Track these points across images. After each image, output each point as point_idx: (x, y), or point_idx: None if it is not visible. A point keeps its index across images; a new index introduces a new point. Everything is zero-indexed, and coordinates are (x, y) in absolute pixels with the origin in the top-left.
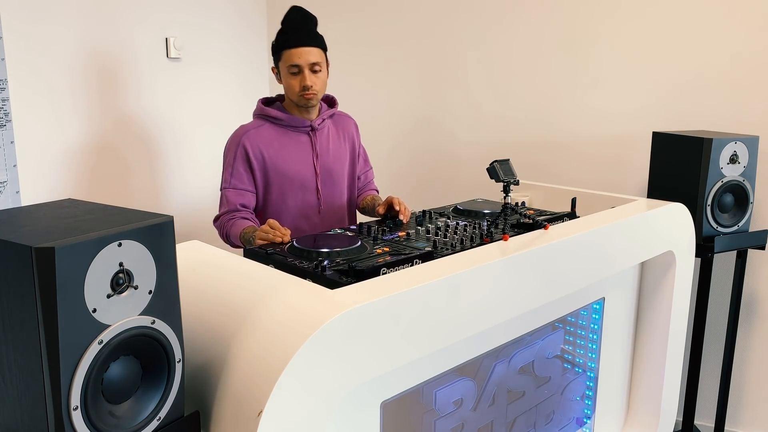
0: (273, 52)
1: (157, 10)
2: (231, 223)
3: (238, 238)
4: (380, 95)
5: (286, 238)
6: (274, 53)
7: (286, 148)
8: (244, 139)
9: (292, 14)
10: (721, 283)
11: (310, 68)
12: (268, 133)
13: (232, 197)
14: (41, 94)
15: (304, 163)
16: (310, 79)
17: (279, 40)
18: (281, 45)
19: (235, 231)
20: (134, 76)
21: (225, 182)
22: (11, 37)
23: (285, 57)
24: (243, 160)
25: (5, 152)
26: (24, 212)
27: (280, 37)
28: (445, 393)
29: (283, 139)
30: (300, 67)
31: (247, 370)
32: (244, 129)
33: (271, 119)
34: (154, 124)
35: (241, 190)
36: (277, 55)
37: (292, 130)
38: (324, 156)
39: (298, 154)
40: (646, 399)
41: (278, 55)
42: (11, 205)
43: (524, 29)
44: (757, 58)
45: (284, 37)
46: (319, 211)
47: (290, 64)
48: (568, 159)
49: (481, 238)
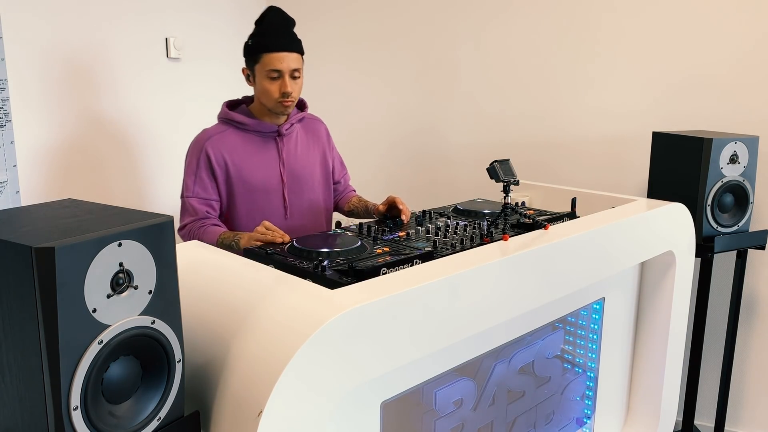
0: (248, 53)
1: (157, 10)
2: (202, 231)
3: (214, 244)
4: (380, 95)
5: (286, 237)
6: (249, 54)
7: (251, 154)
8: (207, 146)
9: (272, 16)
10: (721, 283)
11: (291, 74)
12: (232, 138)
13: (197, 205)
14: (41, 94)
15: (269, 170)
16: (291, 86)
17: (257, 41)
18: (260, 47)
19: (209, 238)
20: (134, 76)
21: (188, 190)
22: (11, 37)
23: (265, 61)
24: (206, 167)
25: (5, 152)
26: (24, 212)
27: (259, 39)
28: (445, 393)
29: (248, 146)
30: (281, 72)
31: (247, 370)
32: (207, 134)
33: (236, 124)
34: (153, 125)
35: (205, 199)
36: (253, 57)
37: (257, 135)
38: (291, 162)
39: (263, 161)
40: (646, 399)
41: (255, 57)
42: (11, 205)
43: (525, 29)
44: (757, 58)
45: (265, 40)
46: (285, 218)
47: (271, 69)
48: (568, 159)
49: (481, 238)
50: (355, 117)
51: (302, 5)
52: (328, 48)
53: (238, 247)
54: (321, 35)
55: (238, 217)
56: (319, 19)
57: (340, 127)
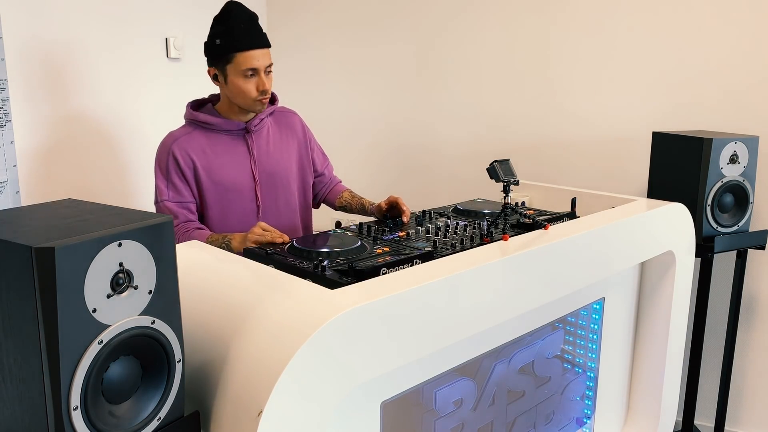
0: (217, 52)
1: (157, 10)
2: (188, 235)
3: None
4: (379, 94)
5: (286, 237)
6: (218, 54)
7: (219, 154)
8: (174, 148)
9: (236, 11)
10: (721, 283)
11: (265, 70)
12: (198, 139)
13: (175, 209)
14: (41, 94)
15: (240, 170)
16: (268, 83)
17: (227, 40)
18: (231, 47)
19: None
20: (134, 76)
21: (162, 194)
22: (11, 37)
23: (239, 60)
24: (176, 171)
25: (5, 152)
26: (24, 212)
27: (228, 38)
28: (445, 393)
29: (216, 146)
30: (257, 70)
31: (247, 370)
32: (173, 137)
33: (202, 124)
34: (154, 125)
35: (181, 203)
36: (223, 57)
37: (225, 134)
38: (263, 160)
39: (233, 161)
40: (646, 399)
41: (226, 57)
42: (11, 205)
43: (524, 29)
44: (757, 58)
45: (235, 38)
46: (257, 217)
47: (247, 68)
48: (568, 159)
49: (481, 238)
50: (353, 117)
51: (298, 5)
52: (328, 48)
53: (229, 250)
54: (316, 32)
55: (212, 220)
56: (314, 16)
57: (337, 126)
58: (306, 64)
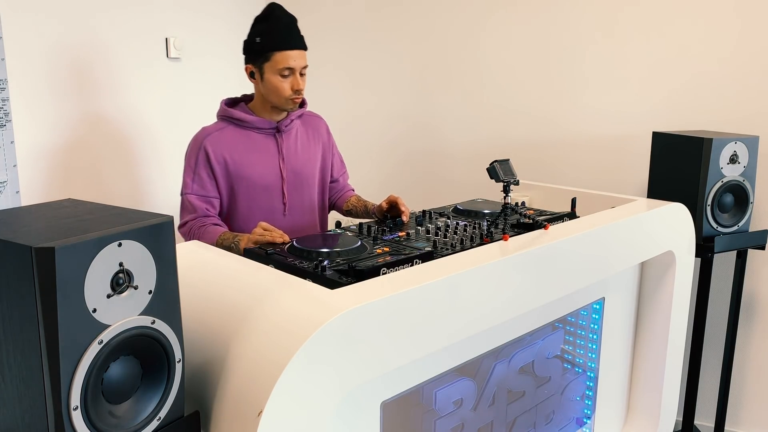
0: (255, 51)
1: (157, 10)
2: (203, 230)
3: (214, 245)
4: (379, 94)
5: (286, 237)
6: (256, 52)
7: (250, 150)
8: (206, 143)
9: (278, 12)
10: (721, 283)
11: (300, 71)
12: (231, 135)
13: (196, 202)
14: (41, 94)
15: (269, 166)
16: (302, 83)
17: (267, 39)
18: (272, 45)
19: (209, 237)
20: (134, 76)
21: (187, 187)
22: (11, 37)
23: (277, 58)
24: (205, 164)
25: (5, 152)
26: (24, 212)
27: (269, 37)
28: (445, 393)
29: (247, 142)
30: (293, 70)
31: (247, 370)
32: (206, 132)
33: (235, 121)
34: (154, 124)
35: (204, 196)
36: (262, 55)
37: (256, 132)
38: (291, 158)
39: (263, 157)
40: (646, 399)
41: (265, 55)
42: (11, 205)
43: (524, 29)
44: (757, 58)
45: (275, 38)
46: (284, 214)
47: (284, 67)
48: (568, 159)
49: (481, 238)
50: (353, 116)
51: (304, 5)
52: (328, 47)
53: (237, 249)
54: (318, 32)
55: (238, 215)
56: (316, 16)
57: (338, 126)
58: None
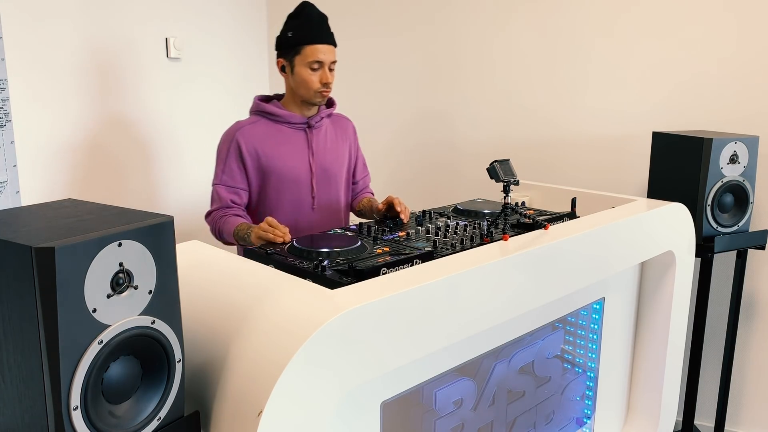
0: (287, 44)
1: (157, 10)
2: (224, 220)
3: (232, 234)
4: (378, 95)
5: (287, 237)
6: (288, 46)
7: (281, 144)
8: (238, 135)
9: (309, 9)
10: (721, 283)
11: (329, 66)
12: (263, 129)
13: (223, 193)
14: (41, 94)
15: (299, 160)
16: (331, 77)
17: (298, 34)
18: (302, 39)
19: (228, 228)
20: (134, 76)
21: (216, 178)
22: (11, 37)
23: (307, 52)
24: (236, 156)
25: (5, 152)
26: (24, 212)
27: (300, 32)
28: (445, 393)
29: (278, 136)
30: (322, 63)
31: (247, 370)
32: (239, 125)
33: (268, 115)
34: (153, 124)
35: (231, 187)
36: (293, 49)
37: (288, 126)
38: (320, 154)
39: (293, 151)
40: (646, 399)
41: (296, 48)
42: (11, 205)
43: (524, 29)
44: (757, 58)
45: (308, 32)
46: (312, 208)
47: (313, 60)
48: (568, 159)
49: (481, 238)
50: (354, 116)
51: None
52: None
53: (249, 240)
54: None
55: (268, 208)
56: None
57: None
58: None
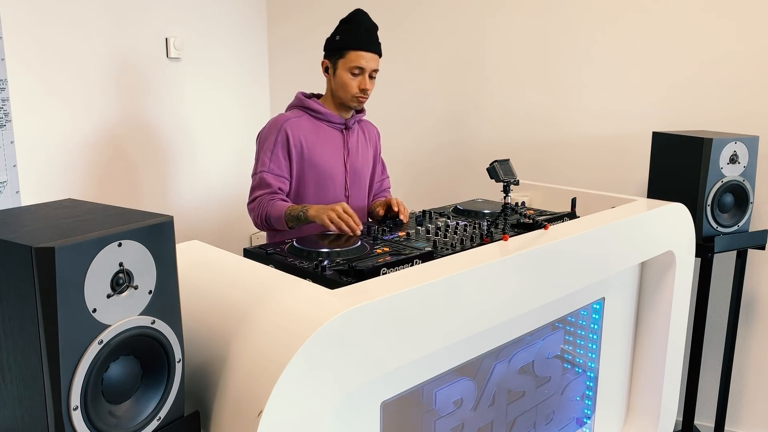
0: (333, 47)
1: (157, 10)
2: (272, 204)
3: (282, 215)
4: (378, 95)
5: (358, 231)
6: (334, 48)
7: (322, 140)
8: (287, 126)
9: (361, 17)
10: (721, 283)
11: (370, 73)
12: (306, 123)
13: (271, 180)
14: (41, 94)
15: (336, 159)
16: (370, 85)
17: (347, 38)
18: (349, 44)
19: (277, 210)
20: (134, 76)
21: (263, 165)
22: (11, 37)
23: (351, 57)
24: (283, 146)
25: (5, 152)
26: (24, 212)
27: (348, 36)
28: (445, 393)
29: (319, 132)
30: (363, 70)
31: (247, 370)
32: (285, 117)
33: (311, 112)
34: (153, 125)
35: (278, 176)
36: (338, 52)
37: (327, 124)
38: (353, 156)
39: (331, 149)
40: (646, 399)
41: (341, 52)
42: (11, 205)
43: (524, 29)
44: (757, 58)
45: (353, 38)
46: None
47: (356, 65)
48: (568, 159)
49: (481, 238)
50: None
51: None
52: None
53: (305, 218)
54: (318, 32)
55: (305, 200)
56: (315, 15)
57: None
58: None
